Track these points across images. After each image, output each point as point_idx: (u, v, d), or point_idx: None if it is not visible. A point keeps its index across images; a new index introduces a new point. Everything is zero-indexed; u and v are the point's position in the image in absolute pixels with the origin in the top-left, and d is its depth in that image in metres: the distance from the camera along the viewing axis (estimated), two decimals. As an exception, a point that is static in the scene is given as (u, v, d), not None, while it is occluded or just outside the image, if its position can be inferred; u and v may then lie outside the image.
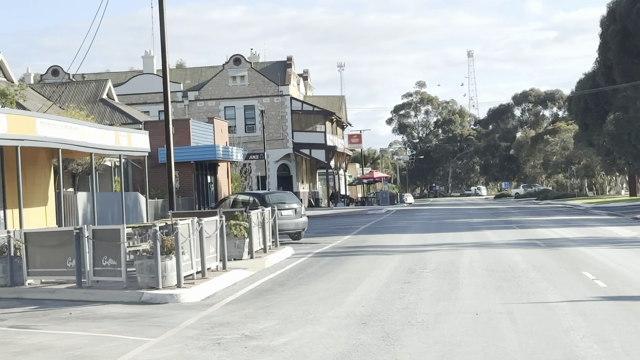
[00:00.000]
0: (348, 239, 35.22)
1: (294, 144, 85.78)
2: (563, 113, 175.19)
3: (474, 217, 53.25)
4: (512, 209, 67.19)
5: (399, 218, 54.27)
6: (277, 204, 34.88)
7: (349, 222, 50.30)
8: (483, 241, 31.09)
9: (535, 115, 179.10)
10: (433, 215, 56.93)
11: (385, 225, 45.17)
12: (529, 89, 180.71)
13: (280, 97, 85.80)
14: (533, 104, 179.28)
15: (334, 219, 56.86)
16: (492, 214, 57.02)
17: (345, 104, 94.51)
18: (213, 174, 59.28)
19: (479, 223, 44.68)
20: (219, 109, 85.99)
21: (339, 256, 26.27)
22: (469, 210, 66.81)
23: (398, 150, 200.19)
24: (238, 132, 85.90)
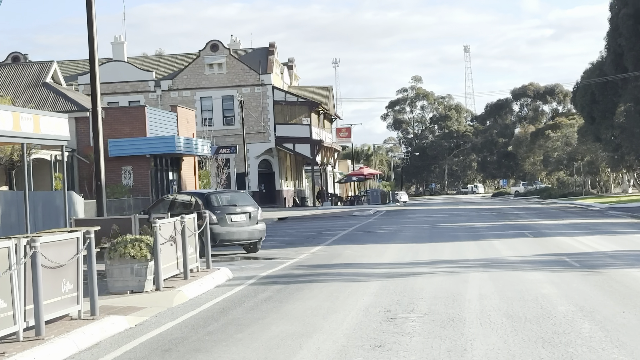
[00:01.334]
0: (318, 251, 27.28)
1: (277, 138, 77.81)
2: (563, 108, 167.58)
3: (474, 219, 45.33)
4: (517, 209, 59.27)
5: (388, 221, 46.29)
6: (226, 206, 26.96)
7: (328, 226, 42.37)
8: (492, 257, 23.15)
9: (535, 111, 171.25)
10: (427, 217, 49.01)
11: (370, 231, 37.20)
12: (528, 84, 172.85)
13: (262, 86, 77.80)
14: (532, 99, 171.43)
15: (313, 222, 48.95)
16: (495, 216, 49.06)
17: (333, 95, 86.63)
18: (176, 169, 51.34)
19: (483, 229, 36.71)
20: (194, 99, 77.97)
21: (292, 284, 18.31)
22: (468, 211, 58.90)
23: (393, 147, 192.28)
24: (216, 125, 77.89)
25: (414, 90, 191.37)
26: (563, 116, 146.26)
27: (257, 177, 78.00)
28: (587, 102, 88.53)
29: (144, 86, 77.58)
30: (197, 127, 76.96)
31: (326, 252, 26.57)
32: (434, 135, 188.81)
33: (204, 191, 28.02)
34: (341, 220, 49.68)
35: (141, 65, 79.39)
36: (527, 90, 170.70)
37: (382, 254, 25.39)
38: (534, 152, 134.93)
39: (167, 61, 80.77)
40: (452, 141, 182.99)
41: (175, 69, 79.01)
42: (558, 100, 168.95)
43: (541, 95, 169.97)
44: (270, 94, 77.65)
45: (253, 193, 75.84)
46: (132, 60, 79.86)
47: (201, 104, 77.79)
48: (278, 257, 25.65)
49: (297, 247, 29.12)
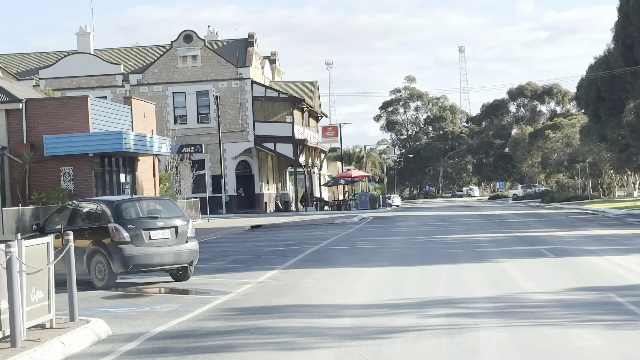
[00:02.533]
0: (268, 279, 19.99)
1: (256, 137, 70.51)
2: (562, 109, 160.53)
3: (474, 229, 38.06)
4: (520, 216, 52.01)
5: (373, 231, 38.92)
6: (144, 219, 19.70)
7: (301, 238, 35.10)
8: (508, 294, 15.93)
9: (532, 111, 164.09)
10: (419, 227, 41.69)
11: (348, 246, 29.90)
12: (525, 83, 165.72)
13: (240, 81, 70.49)
14: (529, 99, 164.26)
15: (286, 231, 41.65)
16: (498, 224, 41.72)
17: (318, 91, 79.49)
18: (130, 171, 44.04)
19: (486, 243, 29.39)
20: (166, 94, 70.67)
21: (189, 354, 11.08)
22: (465, 218, 51.59)
23: (386, 149, 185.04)
24: (189, 123, 70.62)
25: (407, 90, 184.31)
26: (562, 117, 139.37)
27: (235, 180, 70.70)
28: (592, 99, 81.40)
29: (111, 80, 70.32)
30: (170, 125, 69.79)
31: (278, 282, 19.27)
32: (428, 137, 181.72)
33: (115, 198, 20.70)
34: (320, 229, 42.42)
35: (109, 58, 72.09)
36: (524, 90, 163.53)
37: (353, 285, 18.14)
38: (532, 154, 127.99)
39: (137, 53, 73.44)
40: (447, 143, 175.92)
41: (147, 62, 71.72)
42: (557, 100, 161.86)
43: (539, 95, 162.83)
44: (249, 89, 70.38)
45: (230, 197, 68.65)
46: (99, 53, 72.54)
47: (174, 100, 70.53)
48: (209, 289, 18.39)
49: (246, 271, 21.85)
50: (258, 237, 37.76)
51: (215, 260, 26.01)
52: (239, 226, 47.84)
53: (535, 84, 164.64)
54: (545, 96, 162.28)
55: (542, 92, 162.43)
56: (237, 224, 51.26)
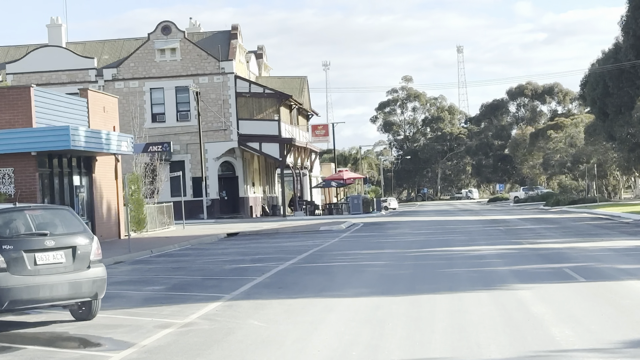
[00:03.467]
0: (204, 316, 14.39)
1: (240, 136, 64.98)
2: (563, 108, 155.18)
3: (478, 239, 32.48)
4: (527, 221, 46.44)
5: (359, 242, 33.22)
6: (26, 237, 14.16)
7: (272, 251, 29.52)
8: (537, 351, 10.41)
9: (532, 111, 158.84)
10: (414, 236, 36.08)
11: (323, 263, 24.28)
12: (525, 83, 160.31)
13: (222, 75, 64.96)
14: (530, 99, 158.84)
15: (259, 241, 36.07)
16: (505, 233, 36.10)
17: (308, 87, 73.62)
18: (86, 172, 38.49)
19: (494, 258, 23.81)
20: (143, 90, 65.14)
21: None
22: (467, 223, 45.95)
23: (383, 151, 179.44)
24: (168, 121, 65.09)
25: (404, 90, 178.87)
26: (563, 117, 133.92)
27: (217, 183, 65.16)
28: (599, 95, 75.95)
29: (83, 76, 64.78)
30: (147, 123, 64.35)
31: (211, 324, 13.69)
32: (426, 138, 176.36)
33: (-12, 207, 15.13)
34: (300, 238, 36.89)
35: (82, 52, 66.56)
36: (524, 90, 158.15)
37: (312, 331, 12.60)
38: (533, 155, 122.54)
39: (113, 47, 67.88)
40: (445, 144, 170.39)
41: (123, 56, 66.18)
42: (558, 100, 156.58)
43: (539, 94, 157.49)
44: (232, 84, 64.86)
45: (212, 201, 63.12)
46: (72, 46, 67.01)
47: (151, 96, 65.01)
48: (108, 337, 12.86)
49: (181, 303, 16.31)
50: (226, 249, 32.23)
51: (153, 283, 20.50)
52: (213, 234, 42.37)
53: (535, 83, 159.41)
54: (546, 96, 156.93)
55: (542, 91, 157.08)
56: (214, 230, 45.79)
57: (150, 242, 37.34)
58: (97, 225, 38.74)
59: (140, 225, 43.78)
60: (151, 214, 46.57)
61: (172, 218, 49.94)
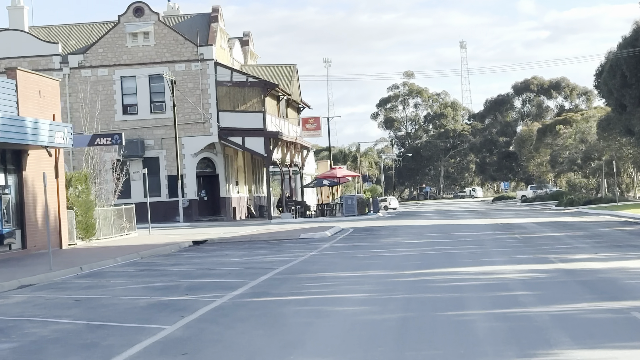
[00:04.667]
0: None
1: (221, 130, 57.79)
2: (570, 104, 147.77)
3: (492, 253, 25.14)
4: (545, 226, 39.09)
5: (340, 259, 25.44)
6: None
7: (224, 272, 22.18)
8: None
9: (538, 107, 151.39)
10: (411, 247, 28.67)
11: (281, 296, 16.85)
12: (531, 77, 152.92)
13: (200, 62, 57.77)
14: (535, 94, 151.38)
15: (218, 254, 28.77)
16: (523, 243, 28.61)
17: (297, 77, 66.31)
18: (15, 170, 31.35)
19: (520, 287, 16.43)
20: (113, 79, 57.97)
21: None
22: (474, 229, 38.51)
23: (385, 148, 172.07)
24: (141, 113, 57.91)
25: (406, 86, 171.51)
26: (571, 112, 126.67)
27: (196, 181, 58.00)
28: (617, 86, 68.60)
29: (46, 63, 57.62)
30: (118, 115, 57.30)
31: None
32: (429, 135, 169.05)
33: None
34: (271, 249, 29.67)
35: (47, 37, 59.41)
36: (530, 85, 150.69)
37: None
38: (540, 152, 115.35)
39: (80, 31, 60.63)
40: (448, 141, 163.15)
41: (91, 42, 59.00)
42: (564, 95, 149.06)
43: (545, 89, 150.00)
44: (212, 71, 57.66)
45: (189, 202, 55.99)
46: (35, 31, 59.84)
47: (122, 86, 57.85)
48: None
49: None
50: (174, 266, 25.09)
51: (10, 335, 13.34)
52: (177, 242, 35.30)
53: (541, 77, 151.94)
54: (553, 90, 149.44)
55: (549, 86, 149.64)
56: (181, 237, 38.72)
57: (89, 255, 30.25)
58: (29, 234, 31.66)
59: (89, 232, 36.60)
60: (107, 219, 39.42)
61: (134, 222, 42.77)
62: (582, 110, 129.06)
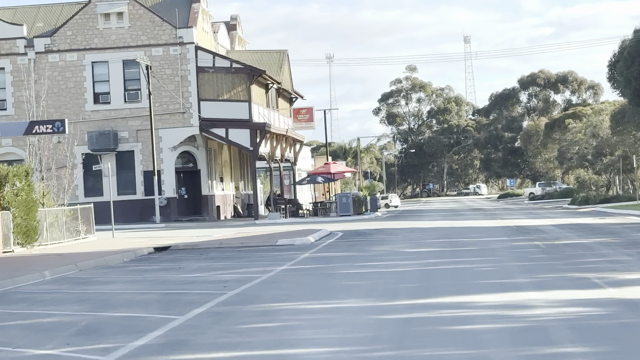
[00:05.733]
0: None
1: (202, 120, 51.87)
2: (578, 98, 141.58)
3: (513, 271, 19.01)
4: (566, 229, 33.05)
5: (310, 280, 18.53)
6: None
7: (148, 302, 16.13)
8: None
9: (545, 101, 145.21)
10: (407, 262, 22.31)
11: (195, 354, 11.20)
12: (537, 71, 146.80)
13: (180, 46, 51.86)
14: (542, 88, 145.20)
15: (170, 267, 22.79)
16: (551, 255, 22.34)
17: (289, 64, 60.18)
18: None
19: (573, 343, 10.61)
20: (83, 64, 52.05)
21: None
22: (485, 233, 32.40)
23: (387, 144, 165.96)
24: (114, 102, 52.02)
25: (409, 81, 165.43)
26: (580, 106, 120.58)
27: (175, 177, 52.10)
28: (635, 75, 62.61)
29: (10, 47, 51.75)
30: (88, 105, 51.49)
31: None
32: (432, 131, 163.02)
33: None
34: (236, 262, 23.72)
35: (12, 19, 53.55)
36: (536, 79, 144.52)
37: None
38: (548, 147, 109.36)
39: (48, 13, 54.66)
40: (452, 137, 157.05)
41: (60, 24, 53.10)
42: (572, 89, 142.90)
43: (552, 83, 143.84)
44: (193, 56, 51.75)
45: (168, 200, 50.16)
46: (-1, 12, 54.02)
47: (93, 72, 51.98)
48: None
49: None
50: (93, 289, 19.18)
51: None
52: (136, 248, 29.54)
53: (548, 71, 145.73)
54: (560, 85, 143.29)
55: (555, 80, 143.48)
56: (145, 242, 32.90)
57: (15, 266, 24.44)
58: (-55, 240, 25.83)
59: (31, 236, 30.67)
60: (58, 221, 33.52)
61: (92, 224, 36.83)
62: (590, 104, 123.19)
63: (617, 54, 67.33)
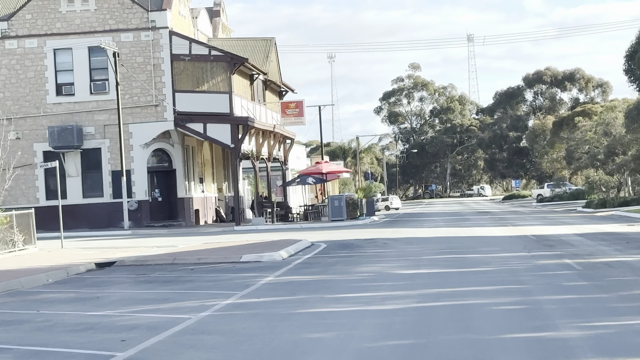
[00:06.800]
0: None
1: (178, 115, 45.90)
2: (585, 97, 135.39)
3: (548, 311, 13.12)
4: (601, 240, 26.90)
5: (252, 331, 12.39)
6: None
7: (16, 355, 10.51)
8: None
9: (551, 100, 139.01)
10: (400, 291, 16.34)
11: None
12: (544, 68, 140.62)
13: (152, 31, 45.88)
14: (548, 86, 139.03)
15: (86, 298, 16.80)
16: (592, 282, 16.32)
17: (276, 53, 54.02)
18: None
19: None
20: (44, 51, 46.12)
21: None
22: (498, 246, 26.20)
23: (389, 145, 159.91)
24: (79, 94, 46.04)
25: (411, 79, 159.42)
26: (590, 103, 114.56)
27: (148, 178, 46.13)
28: (655, 67, 56.97)
29: (-38, 32, 45.87)
30: (50, 97, 45.56)
31: None
32: (435, 130, 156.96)
33: None
34: (174, 289, 17.68)
35: (-34, 2, 47.68)
36: (542, 76, 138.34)
37: None
38: (556, 147, 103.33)
39: (8, -5, 48.78)
40: (455, 136, 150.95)
41: (18, 7, 47.14)
42: (579, 87, 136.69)
43: (559, 81, 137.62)
44: (167, 42, 45.78)
45: (139, 203, 44.20)
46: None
47: (55, 60, 46.04)
48: None
49: None
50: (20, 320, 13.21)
51: None
52: (71, 264, 23.74)
53: (555, 68, 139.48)
54: (567, 82, 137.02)
55: (562, 77, 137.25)
56: (89, 256, 27.02)
57: None
58: None
59: (-58, 250, 24.71)
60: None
61: (33, 233, 30.84)
62: (598, 103, 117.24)
63: (635, 43, 61.29)
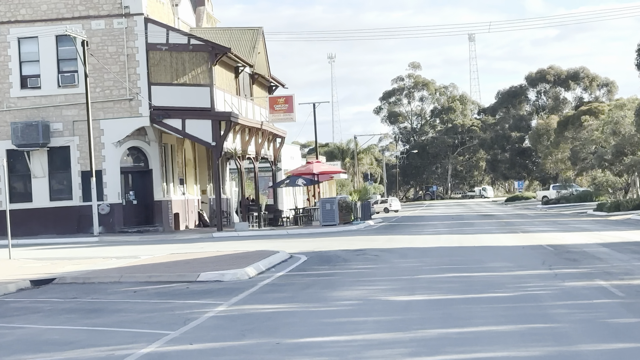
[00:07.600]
0: None
1: (154, 110, 41.55)
2: (590, 96, 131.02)
3: None
4: (631, 254, 22.68)
5: None
6: None
7: None
8: None
9: (555, 99, 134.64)
10: (387, 332, 12.39)
11: None
12: (547, 67, 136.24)
13: (125, 18, 41.54)
14: (552, 85, 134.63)
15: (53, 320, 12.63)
16: (635, 315, 12.43)
17: (264, 43, 49.54)
18: None
19: None
20: (7, 40, 41.79)
21: None
22: (510, 261, 21.80)
23: (390, 145, 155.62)
24: (45, 87, 41.68)
25: (411, 78, 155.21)
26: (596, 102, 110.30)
27: (121, 179, 41.80)
28: (671, 61, 52.77)
29: None
30: (14, 90, 41.23)
31: None
32: (435, 130, 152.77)
33: None
34: (100, 324, 13.43)
35: None
36: (546, 75, 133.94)
37: None
38: (560, 147, 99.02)
39: (-30, -20, 44.41)
40: (457, 137, 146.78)
41: (-18, -8, 42.82)
42: (584, 86, 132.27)
43: (563, 80, 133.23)
44: (142, 30, 41.44)
45: (111, 207, 39.82)
46: None
47: (19, 50, 41.73)
48: None
49: None
50: None
51: None
52: (9, 280, 19.56)
53: (558, 67, 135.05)
54: (571, 81, 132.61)
55: (566, 76, 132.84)
56: (33, 270, 22.81)
57: None
58: None
59: None
60: None
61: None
62: (604, 102, 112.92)
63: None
